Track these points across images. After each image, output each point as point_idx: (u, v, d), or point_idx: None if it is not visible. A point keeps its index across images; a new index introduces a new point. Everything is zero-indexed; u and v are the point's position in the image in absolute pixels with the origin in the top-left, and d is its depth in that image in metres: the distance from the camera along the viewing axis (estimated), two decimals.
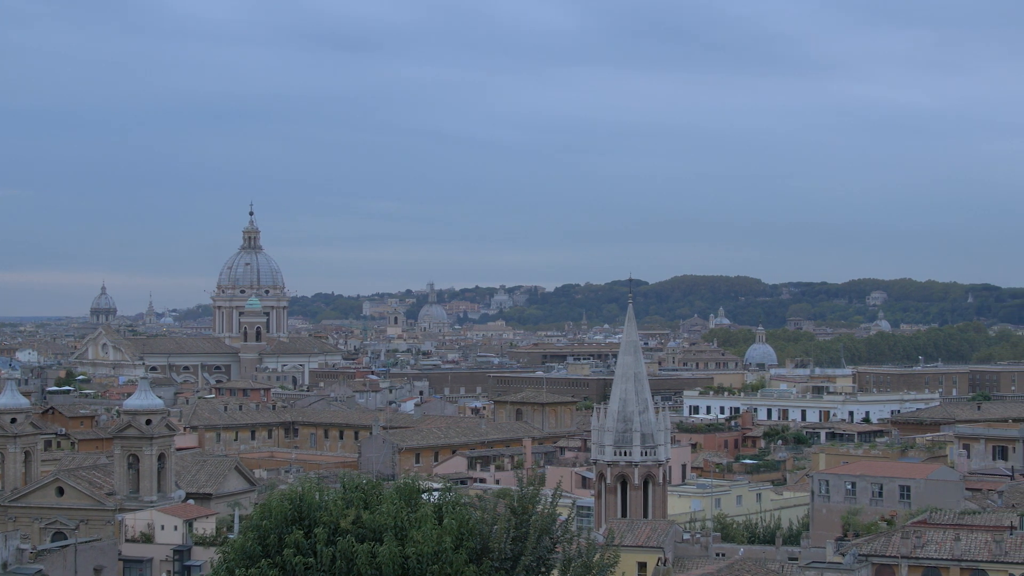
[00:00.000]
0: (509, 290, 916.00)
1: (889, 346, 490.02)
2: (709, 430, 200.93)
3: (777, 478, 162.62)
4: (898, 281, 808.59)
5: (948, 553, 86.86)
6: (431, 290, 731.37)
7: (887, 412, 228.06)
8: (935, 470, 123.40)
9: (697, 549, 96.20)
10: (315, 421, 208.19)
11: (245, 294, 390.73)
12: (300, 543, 62.62)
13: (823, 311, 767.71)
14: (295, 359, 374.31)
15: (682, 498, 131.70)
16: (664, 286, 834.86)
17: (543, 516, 69.58)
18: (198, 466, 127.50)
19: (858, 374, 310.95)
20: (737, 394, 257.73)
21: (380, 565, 61.30)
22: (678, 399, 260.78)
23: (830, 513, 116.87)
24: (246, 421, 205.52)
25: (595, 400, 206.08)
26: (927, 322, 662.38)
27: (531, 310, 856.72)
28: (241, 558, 63.70)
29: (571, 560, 68.48)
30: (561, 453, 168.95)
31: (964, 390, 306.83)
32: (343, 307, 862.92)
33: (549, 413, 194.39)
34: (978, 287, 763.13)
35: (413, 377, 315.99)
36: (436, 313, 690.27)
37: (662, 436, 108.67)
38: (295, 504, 64.74)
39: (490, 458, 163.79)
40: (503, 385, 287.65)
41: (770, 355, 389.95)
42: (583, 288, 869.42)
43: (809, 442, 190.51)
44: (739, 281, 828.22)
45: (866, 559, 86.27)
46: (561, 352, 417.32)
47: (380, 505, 64.88)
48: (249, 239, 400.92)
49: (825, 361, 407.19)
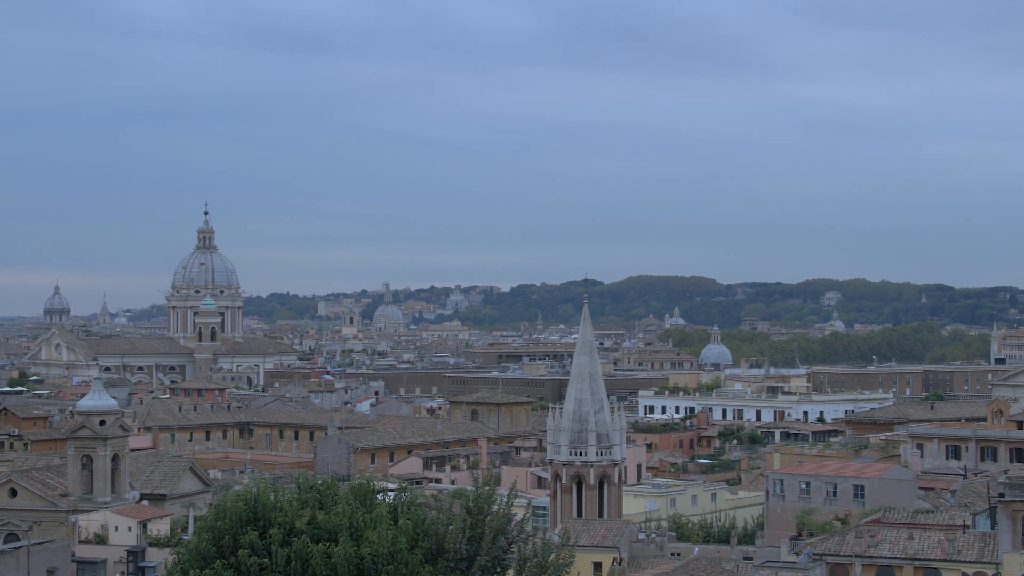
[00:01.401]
0: (465, 290, 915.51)
1: (843, 346, 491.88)
2: (664, 430, 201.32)
3: (732, 478, 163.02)
4: (852, 281, 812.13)
5: (902, 552, 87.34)
6: (386, 290, 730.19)
7: (841, 412, 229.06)
8: (889, 470, 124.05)
9: (652, 549, 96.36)
10: (270, 421, 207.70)
11: (200, 294, 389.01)
12: (255, 544, 62.49)
13: (778, 311, 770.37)
14: (250, 359, 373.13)
15: (637, 498, 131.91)
16: (619, 286, 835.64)
17: (499, 516, 69.61)
18: (152, 467, 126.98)
19: (812, 374, 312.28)
20: (692, 394, 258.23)
21: (335, 566, 61.22)
22: (633, 399, 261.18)
23: (784, 512, 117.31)
24: (201, 421, 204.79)
25: (551, 400, 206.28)
26: (881, 322, 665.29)
27: (487, 310, 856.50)
28: (196, 559, 63.51)
29: (526, 560, 68.52)
30: (517, 453, 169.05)
31: (918, 390, 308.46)
32: (298, 307, 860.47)
33: (505, 413, 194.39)
34: (931, 287, 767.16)
35: (368, 377, 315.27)
36: (391, 313, 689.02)
37: (617, 436, 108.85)
38: (250, 505, 64.60)
39: (446, 458, 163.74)
40: (459, 385, 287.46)
41: (725, 355, 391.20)
42: (539, 288, 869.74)
43: (764, 442, 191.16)
44: (694, 281, 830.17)
45: (820, 558, 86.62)
46: (517, 352, 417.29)
47: (335, 506, 64.82)
48: (204, 239, 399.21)
49: (780, 361, 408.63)
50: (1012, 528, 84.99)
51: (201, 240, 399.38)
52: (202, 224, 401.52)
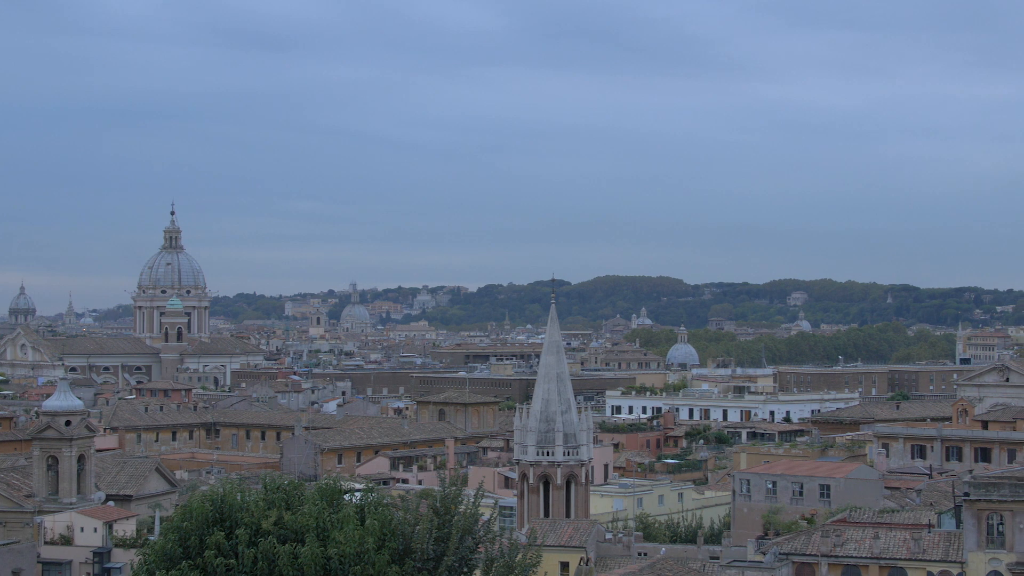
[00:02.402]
0: (432, 290, 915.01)
1: (809, 346, 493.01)
2: (631, 430, 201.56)
3: (699, 477, 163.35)
4: (818, 282, 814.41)
5: (867, 551, 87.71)
6: (353, 290, 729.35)
7: (807, 412, 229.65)
8: (854, 469, 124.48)
9: (619, 549, 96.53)
10: (237, 422, 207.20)
11: (166, 294, 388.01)
12: (221, 544, 62.39)
13: (744, 311, 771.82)
14: (217, 359, 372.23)
15: (604, 498, 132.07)
16: (587, 286, 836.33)
17: (465, 516, 69.69)
18: (118, 467, 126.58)
19: (779, 374, 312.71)
20: (659, 394, 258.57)
21: (302, 566, 61.18)
22: (600, 399, 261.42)
23: (751, 512, 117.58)
24: (167, 422, 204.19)
25: (518, 400, 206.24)
26: (847, 322, 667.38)
27: (454, 310, 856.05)
28: (162, 560, 63.38)
29: (493, 560, 68.61)
30: (484, 453, 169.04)
31: (883, 390, 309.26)
32: (265, 307, 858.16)
33: (472, 413, 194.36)
34: (897, 287, 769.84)
35: (335, 377, 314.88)
36: (359, 313, 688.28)
37: (584, 436, 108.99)
38: (216, 505, 64.50)
39: (413, 458, 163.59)
40: (426, 385, 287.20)
41: (692, 355, 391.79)
42: (506, 288, 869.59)
43: (730, 442, 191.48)
44: (661, 281, 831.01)
45: (786, 558, 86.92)
46: (484, 352, 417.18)
47: (302, 506, 64.80)
48: (170, 239, 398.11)
49: (746, 361, 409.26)
50: (977, 527, 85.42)
51: (168, 240, 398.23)
52: (169, 224, 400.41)
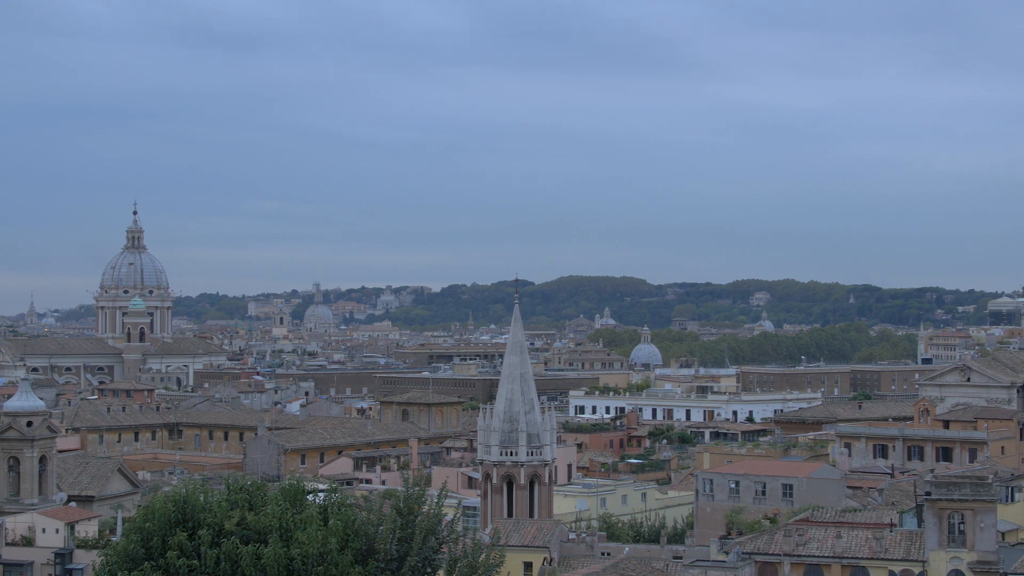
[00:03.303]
0: (395, 290, 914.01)
1: (772, 346, 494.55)
2: (595, 430, 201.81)
3: (662, 477, 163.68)
4: (781, 282, 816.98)
5: (829, 551, 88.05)
6: (317, 290, 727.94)
7: (770, 411, 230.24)
8: (817, 469, 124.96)
9: (583, 548, 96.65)
10: (199, 422, 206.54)
11: (129, 294, 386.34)
12: (184, 545, 62.23)
13: (707, 311, 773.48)
14: (179, 360, 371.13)
15: (568, 498, 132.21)
16: (550, 286, 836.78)
17: (429, 516, 69.70)
18: (80, 468, 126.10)
19: (742, 374, 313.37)
20: (623, 394, 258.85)
21: (265, 567, 61.07)
22: (564, 399, 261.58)
23: (714, 512, 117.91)
24: (129, 422, 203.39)
25: (481, 400, 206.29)
26: (809, 322, 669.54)
27: (417, 311, 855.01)
28: (124, 561, 63.17)
29: (457, 560, 68.63)
30: (447, 453, 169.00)
31: (845, 389, 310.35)
32: (228, 307, 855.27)
33: (435, 413, 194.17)
34: (859, 288, 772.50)
35: (299, 378, 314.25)
36: (322, 313, 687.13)
37: (548, 436, 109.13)
38: (179, 506, 64.33)
39: (376, 459, 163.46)
40: (389, 386, 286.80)
41: (655, 355, 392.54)
42: (469, 288, 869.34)
43: (693, 441, 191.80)
44: (624, 282, 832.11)
45: (749, 557, 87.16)
46: (447, 352, 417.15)
47: (265, 506, 64.68)
48: (133, 238, 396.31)
49: (709, 361, 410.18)
50: (938, 526, 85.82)
51: (130, 240, 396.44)
52: (131, 224, 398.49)
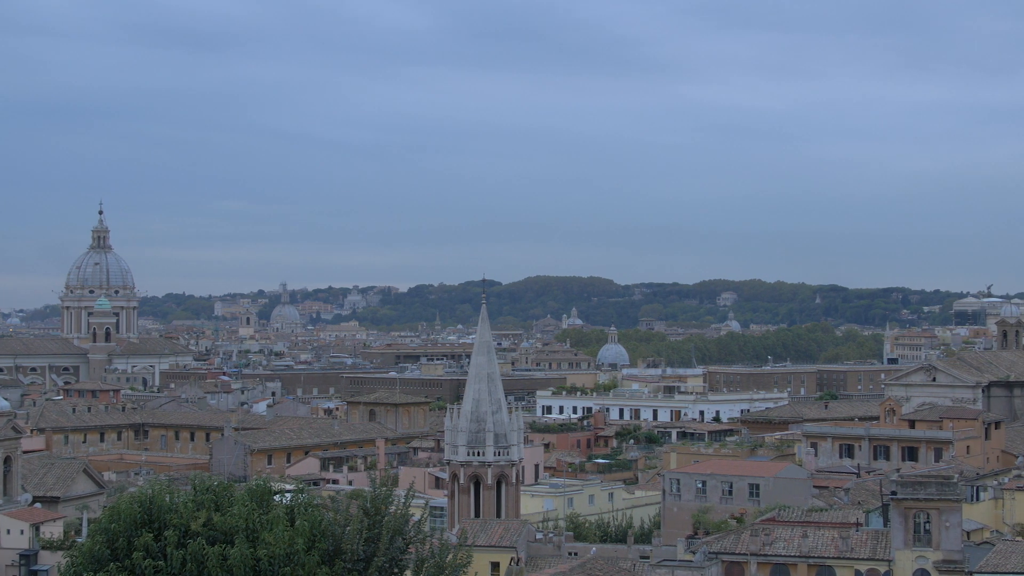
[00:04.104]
0: (362, 290, 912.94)
1: (739, 346, 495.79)
2: (562, 430, 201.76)
3: (629, 477, 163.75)
4: (748, 282, 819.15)
5: (796, 550, 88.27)
6: (284, 290, 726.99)
7: (737, 411, 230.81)
8: (783, 468, 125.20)
9: (550, 548, 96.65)
10: (166, 423, 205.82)
11: (94, 294, 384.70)
12: (150, 546, 62.04)
13: (674, 312, 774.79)
14: (145, 360, 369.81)
15: (535, 498, 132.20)
16: (517, 287, 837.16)
17: (396, 517, 69.68)
18: (45, 469, 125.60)
19: (708, 374, 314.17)
20: (590, 394, 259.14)
21: (231, 567, 60.94)
22: (531, 399, 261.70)
23: (681, 511, 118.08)
24: (95, 423, 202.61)
25: (448, 400, 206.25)
26: (776, 322, 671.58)
27: (384, 311, 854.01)
28: (89, 562, 62.98)
29: (424, 560, 68.61)
30: (414, 454, 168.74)
31: (812, 389, 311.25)
32: (194, 307, 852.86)
33: (402, 414, 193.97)
34: (825, 288, 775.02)
35: (265, 378, 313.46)
36: (289, 313, 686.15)
37: (515, 436, 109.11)
38: (145, 507, 64.14)
39: (343, 459, 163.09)
40: (356, 386, 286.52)
41: (622, 355, 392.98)
42: (436, 288, 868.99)
43: (660, 441, 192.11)
44: (592, 282, 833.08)
45: (716, 557, 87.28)
46: (414, 352, 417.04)
47: (231, 507, 64.54)
48: (98, 238, 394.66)
49: (676, 361, 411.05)
50: (904, 525, 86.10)
51: (96, 239, 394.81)
52: (97, 223, 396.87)
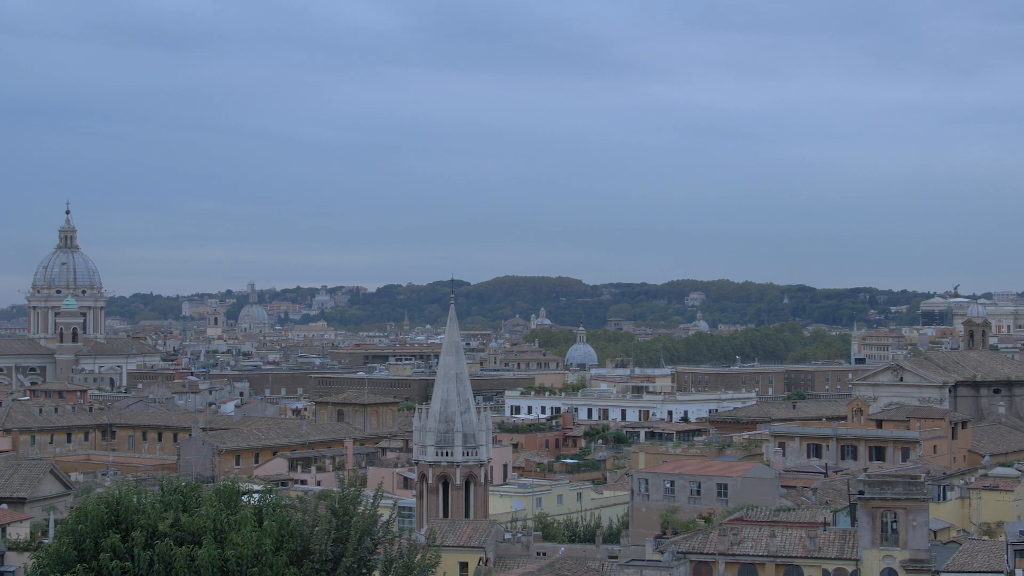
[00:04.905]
0: (331, 291, 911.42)
1: (707, 346, 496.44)
2: (530, 430, 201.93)
3: (597, 477, 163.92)
4: (716, 282, 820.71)
5: (764, 550, 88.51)
6: (252, 290, 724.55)
7: (705, 411, 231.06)
8: (751, 468, 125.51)
9: (518, 548, 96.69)
10: (133, 423, 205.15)
11: (61, 294, 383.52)
12: (117, 547, 61.81)
13: (643, 312, 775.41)
14: (113, 360, 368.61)
15: (503, 498, 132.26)
16: (486, 287, 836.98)
17: (364, 517, 69.60)
18: (12, 470, 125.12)
19: (677, 374, 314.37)
20: (558, 394, 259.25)
21: (199, 568, 60.76)
22: (500, 399, 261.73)
23: (649, 511, 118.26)
24: (62, 423, 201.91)
25: (417, 401, 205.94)
26: (744, 322, 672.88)
27: (353, 311, 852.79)
28: (56, 563, 62.71)
29: (392, 561, 68.54)
30: (383, 454, 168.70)
31: (780, 389, 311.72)
32: (162, 308, 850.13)
33: (371, 414, 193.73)
34: (793, 288, 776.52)
35: (233, 378, 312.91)
36: (257, 314, 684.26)
37: (484, 436, 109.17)
38: (112, 507, 63.90)
39: (311, 459, 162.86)
40: (324, 386, 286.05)
41: (591, 355, 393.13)
42: (405, 289, 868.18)
43: (629, 441, 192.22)
44: (560, 282, 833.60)
45: (684, 556, 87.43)
46: (383, 353, 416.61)
47: (199, 508, 64.36)
48: (65, 238, 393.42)
49: (645, 361, 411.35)
50: (871, 525, 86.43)
51: (63, 239, 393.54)
52: (64, 223, 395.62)
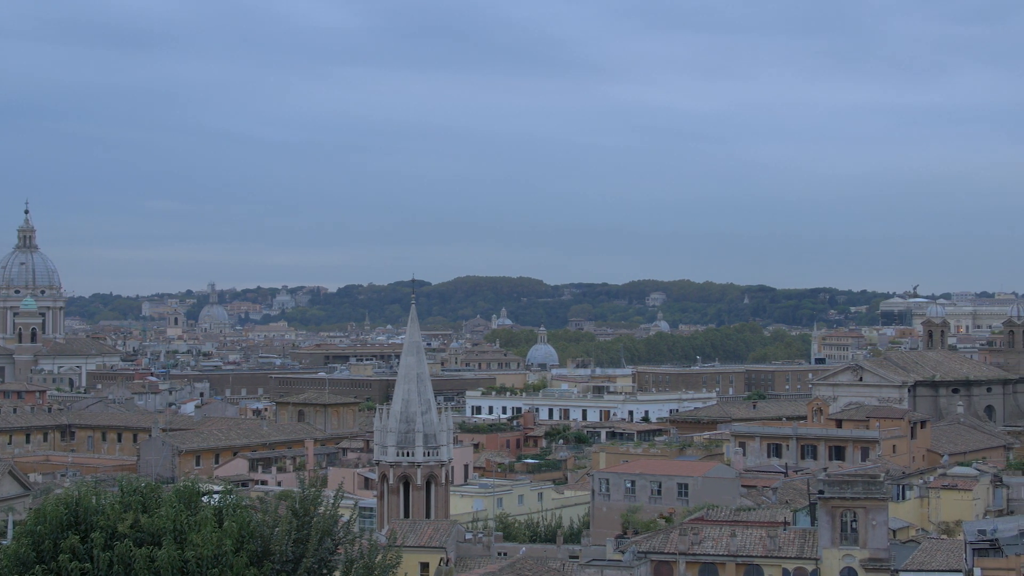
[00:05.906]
0: (291, 291, 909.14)
1: (668, 346, 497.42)
2: (491, 430, 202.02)
3: (558, 477, 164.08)
4: (677, 282, 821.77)
5: (724, 549, 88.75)
6: (212, 290, 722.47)
7: (666, 411, 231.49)
8: (712, 468, 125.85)
9: (479, 549, 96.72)
10: (92, 424, 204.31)
11: (20, 294, 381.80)
12: (76, 548, 61.57)
13: (604, 312, 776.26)
14: (72, 360, 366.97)
15: (464, 498, 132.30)
16: (447, 287, 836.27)
17: (325, 518, 69.49)
18: None
19: (638, 374, 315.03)
20: (519, 394, 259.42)
21: (159, 569, 60.56)
22: (461, 399, 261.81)
23: (610, 511, 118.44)
24: (21, 424, 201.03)
25: (378, 401, 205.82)
26: (705, 322, 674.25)
27: (313, 311, 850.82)
28: (15, 565, 62.42)
29: (353, 561, 68.44)
30: (343, 454, 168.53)
31: (740, 389, 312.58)
32: (122, 308, 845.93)
33: (331, 414, 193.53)
34: (754, 288, 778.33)
35: (193, 378, 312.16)
36: (217, 314, 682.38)
37: (444, 436, 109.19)
38: (71, 508, 63.64)
39: (272, 460, 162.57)
40: (285, 386, 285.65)
41: (552, 355, 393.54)
42: (366, 289, 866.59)
43: (590, 441, 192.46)
44: (521, 282, 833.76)
45: (645, 556, 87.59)
46: (344, 353, 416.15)
47: (159, 508, 64.15)
48: (24, 238, 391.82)
49: (605, 361, 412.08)
50: (831, 524, 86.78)
51: (21, 239, 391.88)
52: (23, 223, 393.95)
